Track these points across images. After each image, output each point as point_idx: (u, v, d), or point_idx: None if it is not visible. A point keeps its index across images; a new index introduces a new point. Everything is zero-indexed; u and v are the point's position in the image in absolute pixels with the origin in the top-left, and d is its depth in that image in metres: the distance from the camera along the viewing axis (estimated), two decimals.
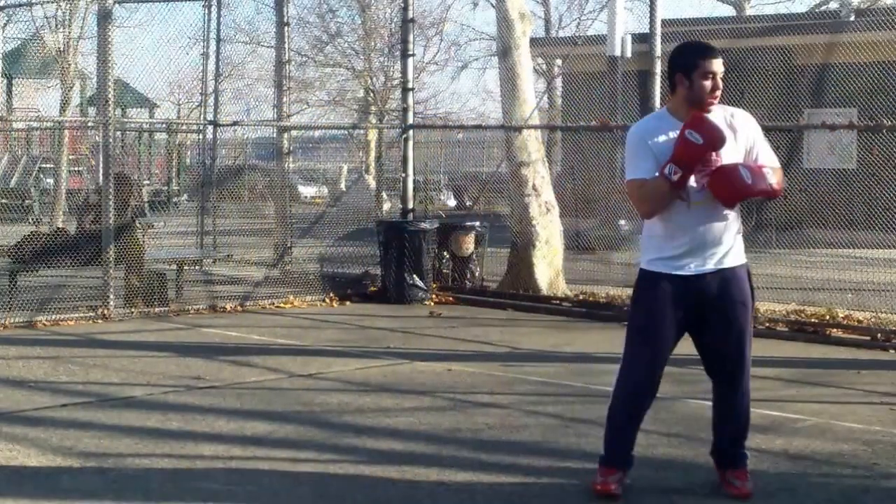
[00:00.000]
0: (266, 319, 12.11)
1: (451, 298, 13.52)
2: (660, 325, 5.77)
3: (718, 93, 5.74)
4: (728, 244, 5.79)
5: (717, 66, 5.73)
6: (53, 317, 11.39)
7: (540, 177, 13.65)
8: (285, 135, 14.78)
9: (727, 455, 5.93)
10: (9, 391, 8.23)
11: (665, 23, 12.36)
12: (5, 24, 19.53)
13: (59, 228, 14.76)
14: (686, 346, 10.24)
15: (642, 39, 13.81)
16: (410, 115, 14.81)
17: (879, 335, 10.77)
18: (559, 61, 27.21)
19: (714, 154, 5.65)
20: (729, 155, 5.73)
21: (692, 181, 5.69)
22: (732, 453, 5.92)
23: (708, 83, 5.69)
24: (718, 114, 5.79)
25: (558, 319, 12.39)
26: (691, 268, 5.74)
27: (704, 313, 5.79)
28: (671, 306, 5.75)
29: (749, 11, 33.93)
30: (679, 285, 5.75)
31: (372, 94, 28.22)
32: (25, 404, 7.81)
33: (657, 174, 5.63)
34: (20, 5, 18.53)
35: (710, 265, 5.76)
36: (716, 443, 5.99)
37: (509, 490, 6.01)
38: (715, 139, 5.57)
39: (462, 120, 31.75)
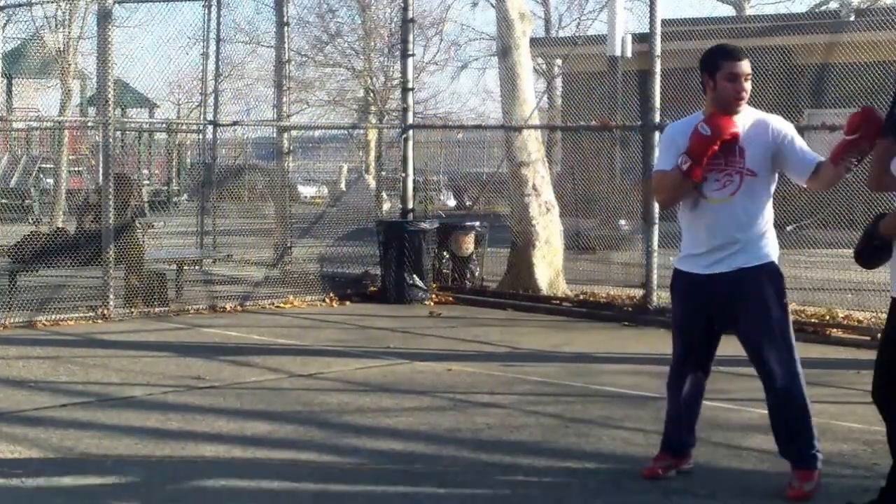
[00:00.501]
0: (266, 319, 12.11)
1: (450, 298, 13.52)
2: (686, 320, 6.07)
3: (744, 94, 5.87)
4: (748, 243, 5.88)
5: (741, 67, 5.87)
6: (53, 317, 11.38)
7: (540, 177, 13.64)
8: (285, 135, 14.78)
9: (787, 452, 5.95)
10: (9, 391, 8.23)
11: (665, 23, 12.33)
12: (5, 24, 19.52)
13: (58, 228, 14.76)
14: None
15: (642, 39, 13.80)
16: (410, 115, 14.81)
17: (879, 335, 10.74)
18: (559, 61, 27.20)
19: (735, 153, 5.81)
20: (756, 154, 5.86)
21: (714, 180, 5.84)
22: (792, 450, 5.92)
23: (732, 85, 5.84)
24: (750, 117, 5.92)
25: (558, 319, 12.38)
26: (708, 267, 5.92)
27: (730, 311, 5.93)
28: (695, 302, 6.00)
29: (749, 11, 33.92)
30: (698, 283, 5.96)
31: (372, 94, 28.21)
32: (25, 404, 7.81)
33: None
34: (20, 5, 18.52)
35: (726, 266, 5.90)
36: (775, 439, 6.03)
37: (509, 490, 6.01)
38: (721, 131, 5.73)
39: (462, 120, 31.75)
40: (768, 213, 5.99)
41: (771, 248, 5.98)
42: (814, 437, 5.92)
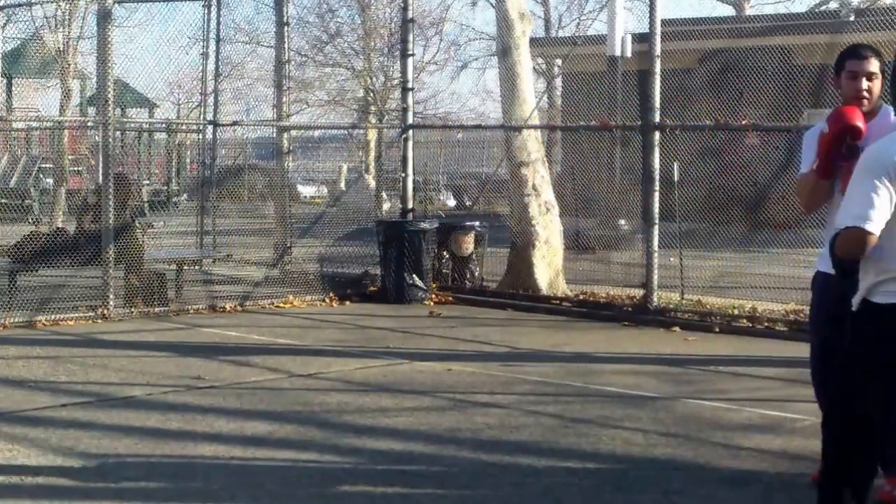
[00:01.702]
0: (266, 319, 12.11)
1: (450, 298, 13.51)
2: (819, 317, 6.06)
3: (864, 93, 5.83)
4: None
5: (861, 65, 5.85)
6: (53, 317, 11.38)
7: (540, 177, 13.65)
8: (285, 135, 14.77)
9: (886, 459, 5.81)
10: (9, 391, 8.23)
11: (665, 22, 12.33)
12: (5, 24, 19.54)
13: (58, 228, 14.76)
14: (674, 347, 10.21)
15: (642, 39, 13.80)
16: (410, 114, 14.81)
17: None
18: (559, 61, 27.20)
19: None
20: None
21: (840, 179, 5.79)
22: (887, 454, 5.81)
23: (852, 83, 5.84)
24: (887, 117, 5.83)
25: (558, 319, 12.38)
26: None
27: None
28: (825, 300, 5.97)
29: (749, 11, 33.91)
30: (829, 281, 5.89)
31: (372, 94, 28.21)
32: (25, 404, 7.81)
33: None
34: (20, 5, 18.52)
35: None
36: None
37: (509, 490, 6.01)
38: (838, 127, 5.69)
39: (462, 120, 31.72)
40: None
41: None
42: None
